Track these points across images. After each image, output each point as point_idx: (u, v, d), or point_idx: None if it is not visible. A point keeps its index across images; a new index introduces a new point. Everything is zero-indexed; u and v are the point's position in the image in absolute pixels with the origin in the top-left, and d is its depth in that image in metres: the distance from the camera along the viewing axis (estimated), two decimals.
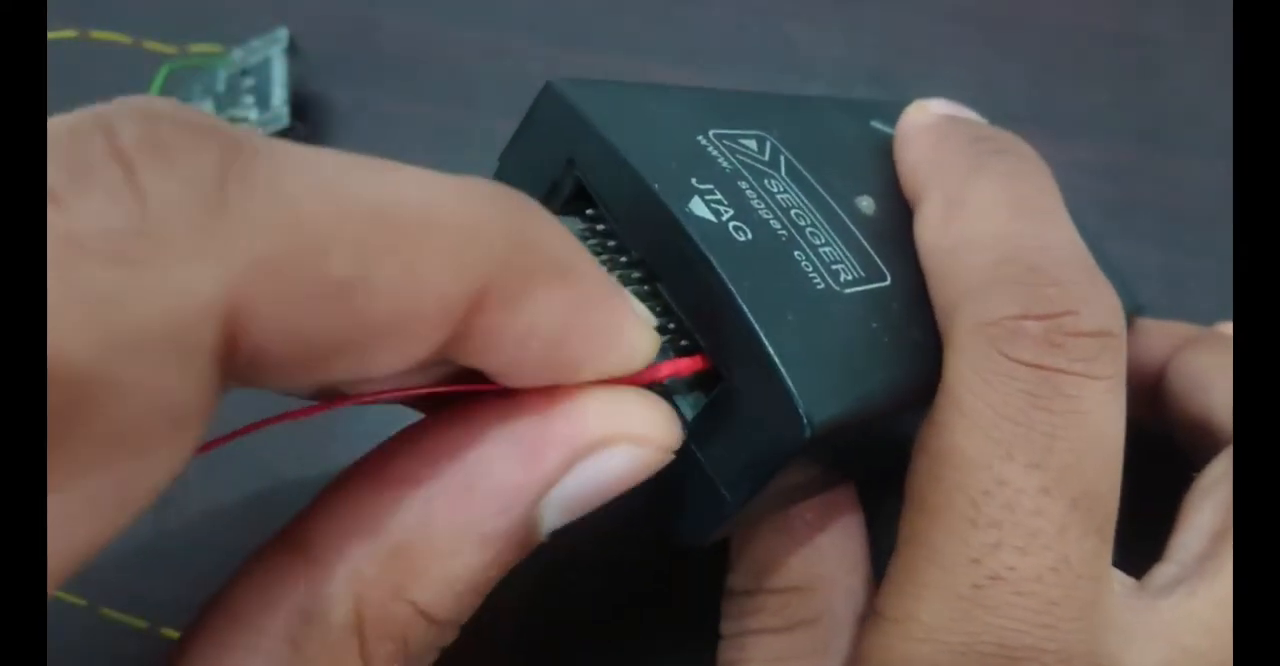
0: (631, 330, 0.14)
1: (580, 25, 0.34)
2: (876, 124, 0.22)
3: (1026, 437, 0.16)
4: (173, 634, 0.24)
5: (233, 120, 0.30)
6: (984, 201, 0.18)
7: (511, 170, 0.18)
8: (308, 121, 0.32)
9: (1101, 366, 0.16)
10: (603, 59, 0.33)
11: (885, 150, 0.21)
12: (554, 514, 0.14)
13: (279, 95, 0.30)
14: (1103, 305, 0.17)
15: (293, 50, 0.31)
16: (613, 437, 0.14)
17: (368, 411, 0.28)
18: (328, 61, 0.32)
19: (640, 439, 0.14)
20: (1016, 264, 0.17)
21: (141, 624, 0.24)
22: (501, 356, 0.13)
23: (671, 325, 0.16)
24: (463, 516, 0.14)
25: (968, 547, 0.16)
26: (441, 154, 0.32)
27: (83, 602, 0.24)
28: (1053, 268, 0.17)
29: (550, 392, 0.14)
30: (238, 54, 0.31)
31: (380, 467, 0.14)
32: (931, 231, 0.18)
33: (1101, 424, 0.16)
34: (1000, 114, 0.23)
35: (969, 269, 0.17)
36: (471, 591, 0.14)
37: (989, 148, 0.19)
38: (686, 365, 0.16)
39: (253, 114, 0.30)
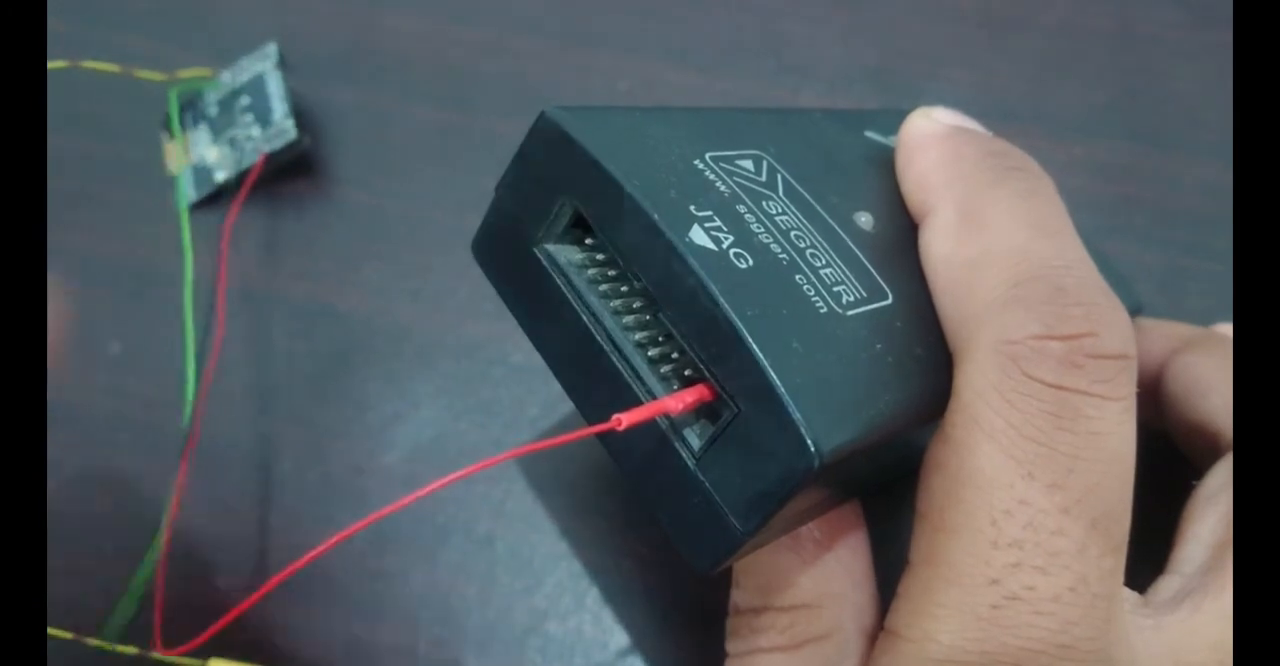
0: None
1: (580, 25, 0.34)
2: (871, 134, 0.22)
3: (1049, 458, 0.16)
4: (164, 659, 0.24)
5: (233, 141, 0.30)
6: (1004, 217, 0.18)
7: (508, 200, 0.17)
8: (309, 125, 0.32)
9: (1118, 388, 0.16)
10: (602, 59, 0.33)
11: (882, 161, 0.21)
12: None
13: (280, 110, 0.30)
14: (1120, 327, 0.17)
15: (283, 62, 0.31)
16: None
17: (365, 413, 0.28)
18: (327, 63, 0.32)
19: None
20: (1040, 283, 0.17)
21: (133, 650, 0.24)
22: None
23: (675, 355, 0.16)
24: None
25: (988, 568, 0.16)
26: (441, 154, 0.32)
27: (69, 635, 0.24)
28: (1076, 289, 0.17)
29: None
30: (225, 76, 0.31)
31: None
32: (945, 243, 0.18)
33: (1118, 445, 0.16)
34: (999, 114, 0.23)
35: (988, 285, 0.17)
36: None
37: (1005, 163, 0.19)
38: (692, 395, 0.16)
39: (255, 131, 0.30)
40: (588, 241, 0.17)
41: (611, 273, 0.17)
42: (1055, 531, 0.16)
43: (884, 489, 0.20)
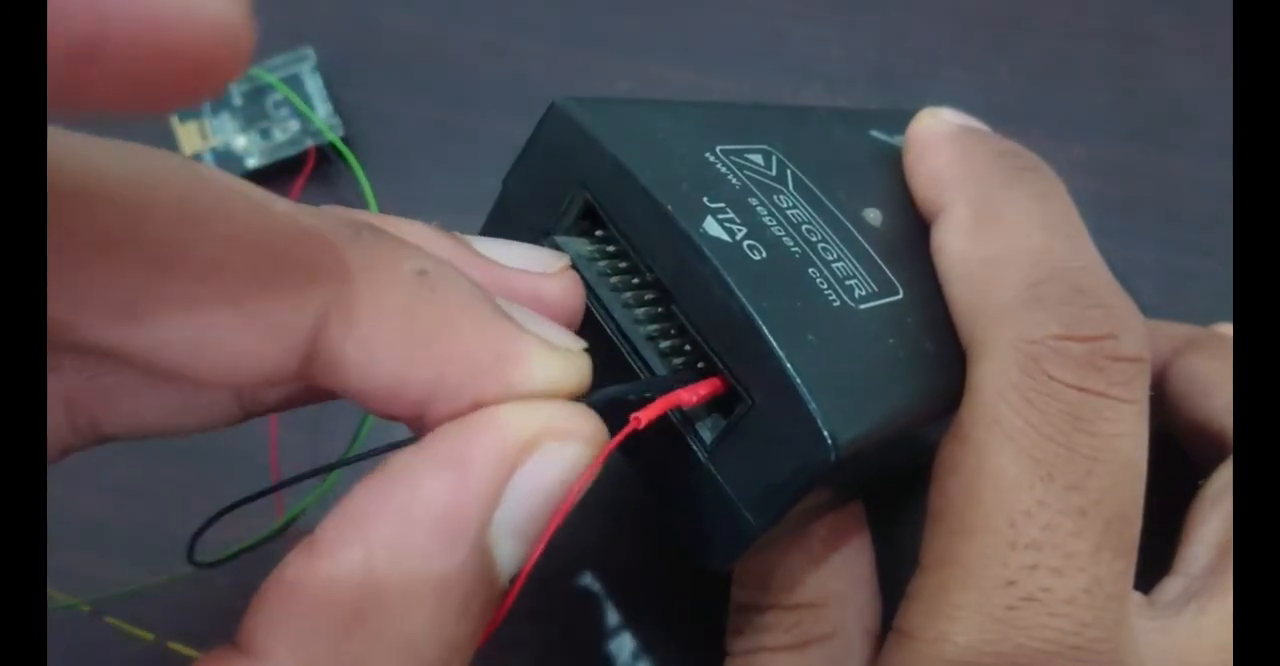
0: (527, 354, 0.13)
1: (580, 25, 0.34)
2: (876, 133, 0.22)
3: (1068, 459, 0.16)
4: (180, 648, 0.24)
5: (265, 132, 0.31)
6: (1020, 217, 0.18)
7: (517, 191, 0.17)
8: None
9: (1134, 390, 0.17)
10: (602, 59, 0.33)
11: (888, 160, 0.21)
12: (507, 542, 0.13)
13: (324, 108, 0.31)
14: (1138, 330, 0.17)
15: (320, 66, 0.32)
16: (537, 439, 0.13)
17: (364, 415, 0.28)
18: (327, 63, 0.32)
19: (565, 433, 0.13)
20: (1060, 283, 0.17)
21: (148, 635, 0.24)
22: (350, 381, 0.13)
23: (688, 347, 0.16)
24: (407, 560, 0.12)
25: (1005, 569, 0.16)
26: (442, 154, 0.32)
27: (86, 608, 0.24)
28: (1095, 290, 0.17)
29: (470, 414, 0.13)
30: (254, 70, 0.32)
31: (312, 543, 0.13)
32: (961, 240, 0.18)
33: (1132, 447, 0.16)
34: (999, 114, 0.23)
35: (1007, 284, 0.17)
36: (445, 657, 0.12)
37: (1018, 163, 0.19)
38: (705, 388, 0.15)
39: (293, 125, 0.31)
40: (598, 233, 0.17)
41: (622, 264, 0.17)
42: (1072, 533, 0.16)
43: (884, 488, 0.20)
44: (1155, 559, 0.19)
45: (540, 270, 0.15)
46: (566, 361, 0.14)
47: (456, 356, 0.13)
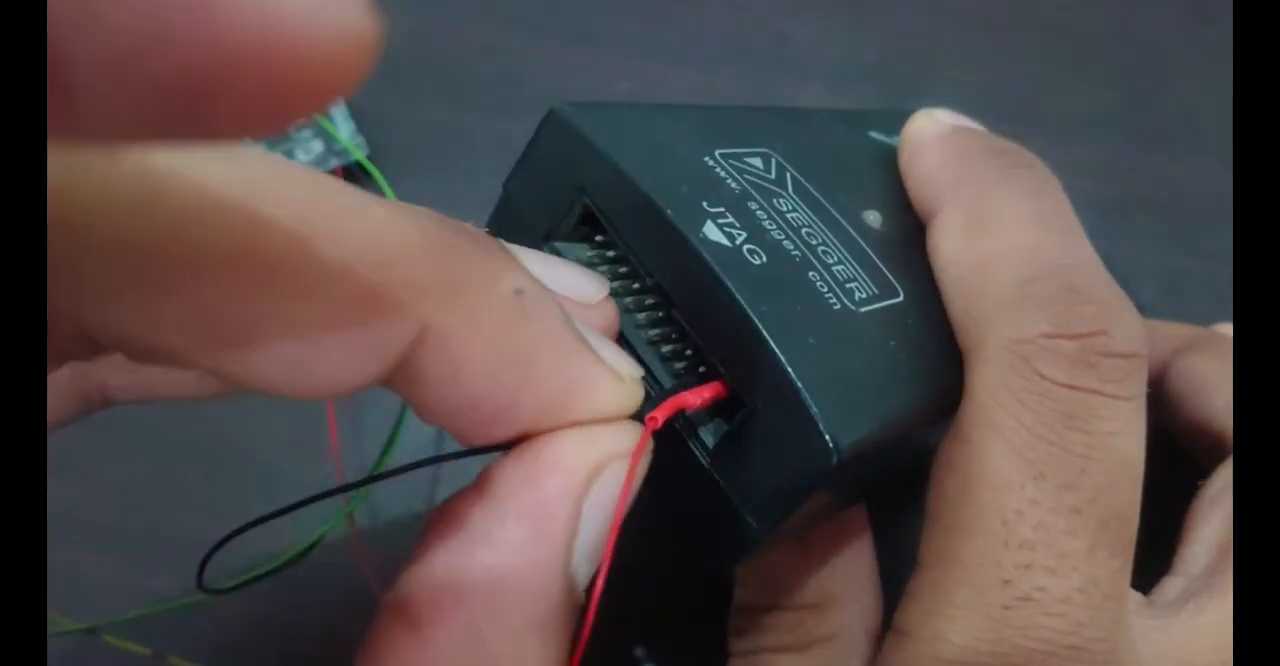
0: (597, 384, 0.13)
1: (580, 25, 0.34)
2: (875, 134, 0.22)
3: (1061, 458, 0.16)
4: (179, 662, 0.24)
5: (287, 155, 0.31)
6: (1012, 216, 0.18)
7: (517, 197, 0.17)
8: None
9: (1129, 387, 0.16)
10: (602, 59, 0.33)
11: (887, 161, 0.21)
12: (584, 565, 0.13)
13: (347, 127, 0.31)
14: (1132, 326, 0.17)
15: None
16: (599, 467, 0.13)
17: (371, 411, 0.28)
18: None
19: (621, 454, 0.14)
20: (1051, 281, 0.17)
21: (144, 650, 0.24)
22: (423, 394, 0.13)
23: (689, 351, 0.16)
24: (507, 619, 0.12)
25: (999, 568, 0.16)
26: (441, 155, 0.32)
27: (81, 628, 0.24)
28: (1087, 287, 0.17)
29: (522, 449, 0.14)
30: None
31: (406, 614, 0.13)
32: (954, 242, 0.18)
33: (1128, 445, 0.16)
34: (999, 114, 0.23)
35: (999, 283, 0.17)
36: None
37: (1010, 162, 0.19)
38: (707, 392, 0.15)
39: (316, 146, 0.31)
40: (598, 238, 0.17)
41: (622, 270, 0.17)
42: (1066, 532, 0.16)
43: (887, 488, 0.20)
44: (1155, 559, 0.19)
45: (584, 299, 0.15)
46: (629, 392, 0.14)
47: (534, 382, 0.13)
